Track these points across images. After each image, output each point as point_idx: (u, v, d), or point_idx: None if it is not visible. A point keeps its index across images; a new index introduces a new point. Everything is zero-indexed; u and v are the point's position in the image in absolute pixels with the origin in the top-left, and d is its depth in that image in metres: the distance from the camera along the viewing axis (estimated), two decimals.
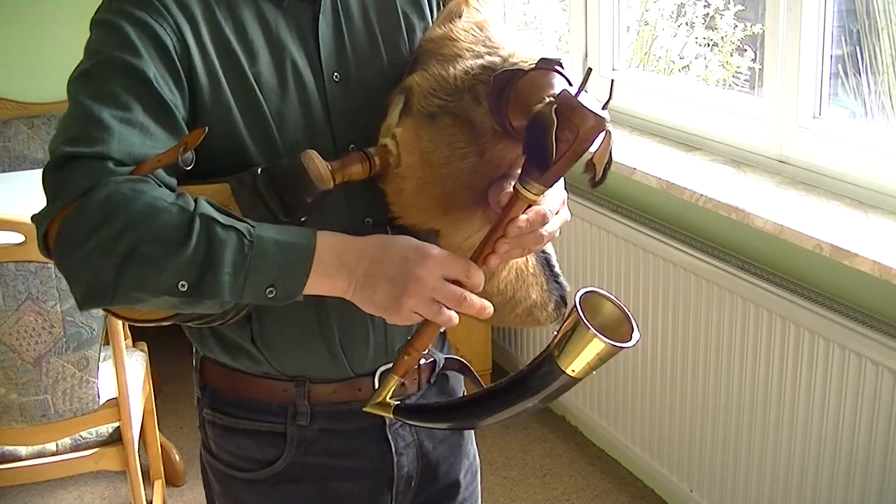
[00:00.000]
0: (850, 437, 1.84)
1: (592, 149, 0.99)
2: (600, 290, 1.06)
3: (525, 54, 1.09)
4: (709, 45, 2.78)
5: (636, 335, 1.03)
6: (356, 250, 1.03)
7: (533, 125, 0.98)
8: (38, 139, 3.30)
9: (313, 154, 1.05)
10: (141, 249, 0.93)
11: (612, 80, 1.04)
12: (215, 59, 1.07)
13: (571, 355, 1.03)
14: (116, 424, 2.23)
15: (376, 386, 1.21)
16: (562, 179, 1.28)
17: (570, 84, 1.03)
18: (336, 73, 1.14)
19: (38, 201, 1.01)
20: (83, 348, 2.10)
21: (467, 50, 1.10)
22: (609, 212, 2.45)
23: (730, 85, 2.72)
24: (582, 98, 0.97)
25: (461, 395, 1.36)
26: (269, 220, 1.03)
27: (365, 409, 1.17)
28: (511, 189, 1.04)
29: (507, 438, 2.91)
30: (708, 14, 2.77)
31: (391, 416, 1.16)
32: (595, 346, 1.01)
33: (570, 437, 2.90)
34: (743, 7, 2.67)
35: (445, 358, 1.31)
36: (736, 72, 2.71)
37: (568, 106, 0.96)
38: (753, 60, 2.55)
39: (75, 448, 2.24)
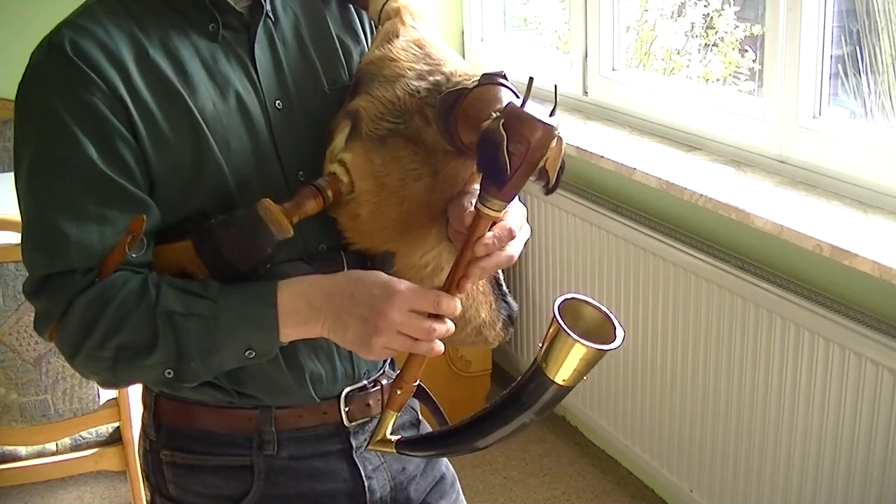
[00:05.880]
0: (850, 437, 1.84)
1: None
2: (579, 296, 1.05)
3: (467, 70, 1.09)
4: (707, 45, 2.78)
5: (620, 336, 1.02)
6: (325, 290, 1.05)
7: (483, 142, 0.97)
8: None
9: (269, 204, 1.04)
10: (122, 353, 1.04)
11: (556, 86, 1.03)
12: (151, 102, 1.05)
13: (558, 364, 1.02)
14: (116, 424, 2.23)
15: (342, 408, 1.20)
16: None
17: (517, 95, 1.02)
18: (278, 101, 1.13)
19: None
20: None
21: (409, 69, 1.09)
22: (609, 212, 2.45)
23: (731, 82, 2.72)
24: (528, 109, 0.96)
25: (417, 412, 1.35)
26: (233, 272, 1.06)
27: (368, 447, 1.17)
28: (472, 208, 1.04)
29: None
30: (708, 14, 2.76)
31: (394, 451, 1.14)
32: (578, 351, 1.01)
33: (570, 437, 2.90)
34: (738, 7, 2.67)
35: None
36: (736, 71, 2.71)
37: (516, 119, 0.96)
38: (754, 61, 2.55)
39: (75, 448, 2.23)
